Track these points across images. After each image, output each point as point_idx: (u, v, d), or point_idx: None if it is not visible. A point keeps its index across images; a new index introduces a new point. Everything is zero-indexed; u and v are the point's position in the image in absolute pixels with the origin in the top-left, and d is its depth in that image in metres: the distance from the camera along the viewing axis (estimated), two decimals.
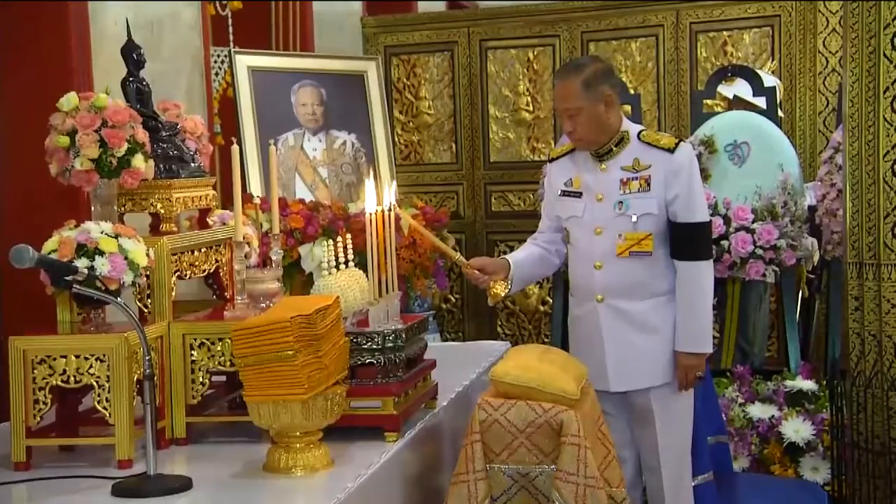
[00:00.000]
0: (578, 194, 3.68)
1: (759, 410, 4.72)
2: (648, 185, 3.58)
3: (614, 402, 3.64)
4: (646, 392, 3.59)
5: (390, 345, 3.15)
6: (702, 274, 3.60)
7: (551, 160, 3.85)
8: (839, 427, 4.65)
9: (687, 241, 3.59)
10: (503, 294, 3.59)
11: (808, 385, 4.78)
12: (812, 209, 5.14)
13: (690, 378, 3.59)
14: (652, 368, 3.60)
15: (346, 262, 3.35)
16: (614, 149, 3.63)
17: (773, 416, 4.70)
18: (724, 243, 4.91)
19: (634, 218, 3.58)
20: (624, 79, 5.79)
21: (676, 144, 3.61)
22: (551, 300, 6.00)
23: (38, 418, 2.92)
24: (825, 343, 5.19)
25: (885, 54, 4.32)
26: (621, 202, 3.59)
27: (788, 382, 4.81)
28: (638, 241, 3.58)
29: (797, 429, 4.64)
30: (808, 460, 4.64)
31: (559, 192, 3.75)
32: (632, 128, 3.69)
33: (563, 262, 3.85)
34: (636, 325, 3.62)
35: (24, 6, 3.83)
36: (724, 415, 4.50)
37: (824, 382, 4.75)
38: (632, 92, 5.62)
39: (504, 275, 3.62)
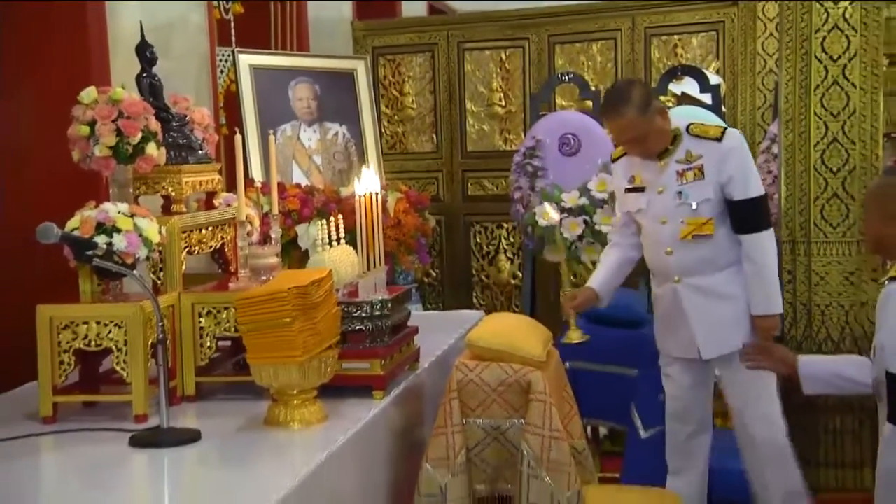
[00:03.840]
0: (641, 189, 3.64)
1: None
2: (702, 172, 3.53)
3: (696, 372, 3.67)
4: (733, 355, 3.48)
5: (377, 313, 3.15)
6: (764, 243, 3.57)
7: (614, 160, 3.80)
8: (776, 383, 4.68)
9: (746, 215, 3.56)
10: (576, 342, 3.62)
11: None
12: None
13: (769, 338, 3.55)
14: (736, 331, 3.56)
15: (338, 240, 3.35)
16: (670, 147, 3.57)
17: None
18: None
19: (694, 205, 3.54)
20: (586, 77, 5.78)
21: (723, 132, 3.56)
22: (521, 274, 6.02)
23: (63, 378, 2.92)
24: None
25: (815, 56, 4.34)
26: (680, 192, 3.55)
27: None
28: (699, 225, 3.55)
29: None
30: None
31: (624, 189, 3.71)
32: (681, 123, 3.61)
33: (641, 253, 3.81)
34: (714, 296, 3.59)
35: (50, 12, 3.81)
36: None
37: None
38: (593, 89, 5.62)
39: (591, 305, 3.72)
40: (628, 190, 3.70)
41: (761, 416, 3.63)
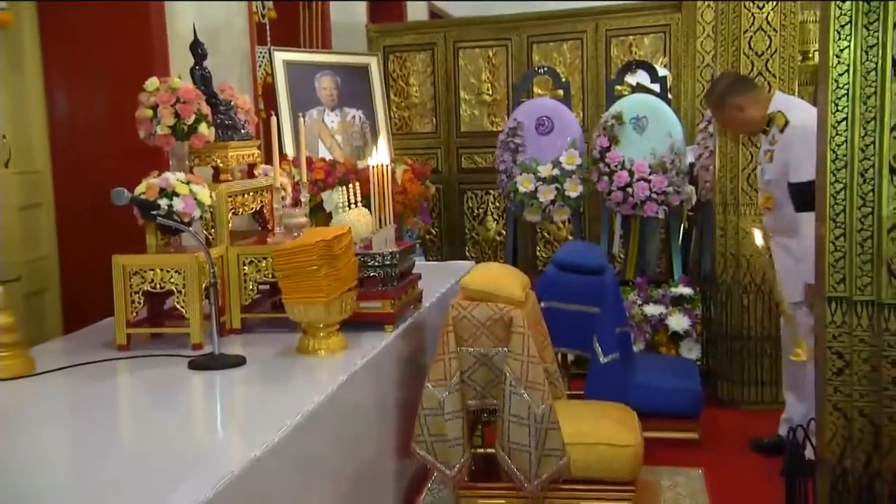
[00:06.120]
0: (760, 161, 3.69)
1: (652, 309, 4.77)
2: (772, 156, 3.49)
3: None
4: (801, 304, 3.42)
5: (388, 263, 3.16)
6: (804, 223, 3.24)
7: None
8: (708, 320, 4.72)
9: (794, 196, 3.39)
10: (803, 359, 3.35)
11: (686, 291, 4.83)
12: (691, 165, 5.14)
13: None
14: (802, 286, 3.41)
15: (356, 203, 3.34)
16: (767, 129, 3.56)
17: (661, 313, 4.75)
18: (629, 189, 4.92)
19: (766, 180, 3.56)
20: (558, 70, 5.74)
21: (785, 124, 3.44)
22: (504, 232, 6.02)
23: (134, 313, 2.94)
24: (699, 261, 5.23)
25: (743, 52, 4.33)
26: (763, 168, 3.59)
27: (673, 289, 4.86)
28: (766, 198, 3.58)
29: (678, 322, 4.69)
30: (686, 343, 4.70)
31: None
32: (775, 108, 3.50)
33: None
34: (790, 253, 3.51)
35: (120, 17, 3.82)
36: (627, 312, 4.55)
37: (698, 289, 4.80)
38: (563, 80, 5.58)
39: None
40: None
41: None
